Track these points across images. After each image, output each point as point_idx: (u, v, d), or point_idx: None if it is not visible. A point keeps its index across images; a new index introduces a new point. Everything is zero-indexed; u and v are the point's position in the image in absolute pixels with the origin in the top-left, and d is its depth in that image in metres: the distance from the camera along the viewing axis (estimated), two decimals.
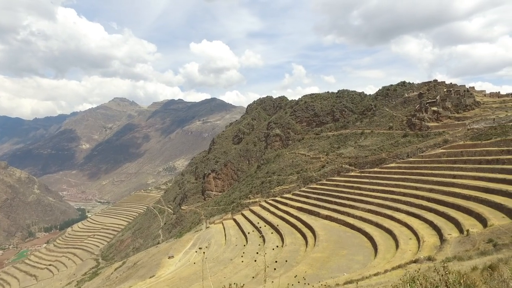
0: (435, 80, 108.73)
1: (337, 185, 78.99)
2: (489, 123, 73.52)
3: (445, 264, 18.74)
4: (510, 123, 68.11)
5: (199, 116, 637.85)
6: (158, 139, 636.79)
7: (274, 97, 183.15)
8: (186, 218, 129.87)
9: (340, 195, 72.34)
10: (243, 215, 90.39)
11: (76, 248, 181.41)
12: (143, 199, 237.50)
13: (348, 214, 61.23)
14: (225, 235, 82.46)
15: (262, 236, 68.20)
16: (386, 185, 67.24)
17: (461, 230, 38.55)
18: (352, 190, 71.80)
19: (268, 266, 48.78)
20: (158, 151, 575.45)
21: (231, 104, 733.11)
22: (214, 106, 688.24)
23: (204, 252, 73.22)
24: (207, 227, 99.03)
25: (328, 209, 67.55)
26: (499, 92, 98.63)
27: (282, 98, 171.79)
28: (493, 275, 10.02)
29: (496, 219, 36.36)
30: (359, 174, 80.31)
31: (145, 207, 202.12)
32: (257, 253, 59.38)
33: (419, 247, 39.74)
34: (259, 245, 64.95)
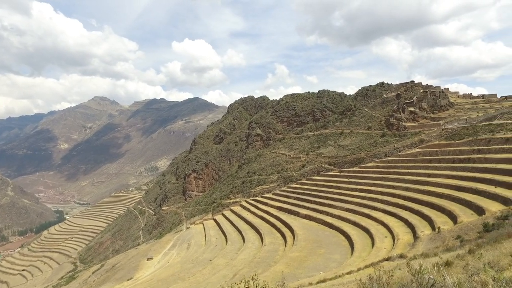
0: (412, 81, 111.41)
1: (316, 185, 79.68)
2: (462, 124, 75.76)
3: (410, 262, 19.03)
4: (481, 124, 70.41)
5: (181, 116, 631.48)
6: (140, 139, 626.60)
7: (257, 97, 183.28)
8: (167, 219, 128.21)
9: (320, 194, 72.99)
10: (223, 215, 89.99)
11: (53, 251, 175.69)
12: (123, 200, 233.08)
13: (327, 213, 61.82)
14: (205, 235, 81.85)
15: (242, 236, 68.09)
16: (365, 184, 68.29)
17: (433, 228, 39.50)
18: (331, 190, 72.57)
19: (246, 267, 48.82)
20: (140, 151, 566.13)
21: (214, 103, 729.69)
22: (197, 105, 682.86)
23: (183, 253, 72.54)
24: (187, 228, 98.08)
25: (308, 208, 68.03)
26: (471, 93, 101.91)
27: (264, 98, 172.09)
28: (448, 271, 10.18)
29: (465, 216, 37.44)
30: (338, 173, 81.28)
31: (126, 208, 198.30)
32: (237, 253, 59.42)
33: (393, 245, 40.47)
34: (239, 245, 64.88)
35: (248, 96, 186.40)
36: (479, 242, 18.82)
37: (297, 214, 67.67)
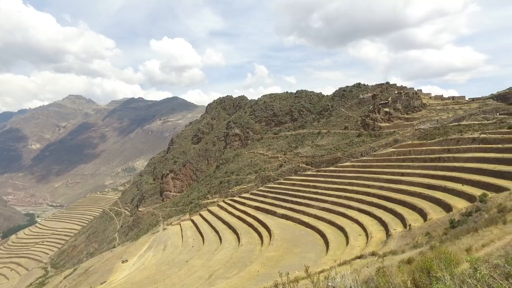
0: (388, 83, 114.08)
1: (294, 184, 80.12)
2: (433, 124, 78.11)
3: (378, 259, 19.24)
4: (451, 124, 72.82)
5: (160, 115, 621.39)
6: (117, 139, 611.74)
7: (236, 96, 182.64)
8: (144, 220, 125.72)
9: (297, 194, 73.40)
10: (201, 215, 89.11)
11: (21, 257, 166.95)
12: (99, 201, 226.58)
13: (304, 213, 62.22)
14: (182, 236, 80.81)
15: (219, 237, 67.59)
16: (341, 183, 69.17)
17: (405, 225, 40.43)
18: (308, 189, 73.12)
19: (221, 267, 48.37)
20: (117, 151, 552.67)
21: (193, 103, 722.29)
22: (176, 105, 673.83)
23: (159, 255, 71.20)
24: (164, 229, 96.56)
25: (285, 208, 68.25)
26: (442, 95, 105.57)
27: (242, 98, 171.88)
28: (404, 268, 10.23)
29: (435, 213, 38.52)
30: (315, 173, 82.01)
31: (101, 210, 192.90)
32: (214, 254, 58.87)
33: (367, 243, 41.14)
34: (216, 245, 64.34)
35: (227, 95, 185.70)
36: (442, 239, 19.27)
37: (274, 213, 67.77)
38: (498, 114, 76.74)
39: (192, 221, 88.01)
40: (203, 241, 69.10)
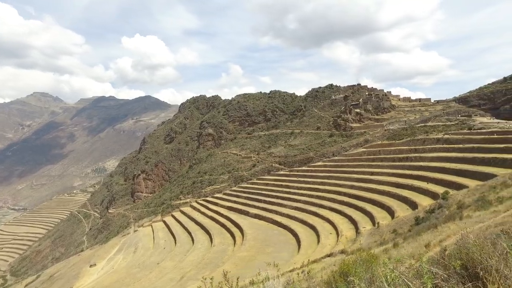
0: (359, 84, 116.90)
1: (267, 184, 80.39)
2: (401, 125, 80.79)
3: (345, 258, 19.44)
4: (418, 125, 75.62)
5: (132, 114, 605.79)
6: (86, 139, 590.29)
7: (210, 96, 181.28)
8: (114, 222, 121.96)
9: (270, 193, 73.66)
10: (173, 216, 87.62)
11: None
12: (66, 203, 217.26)
13: (276, 212, 62.48)
14: (153, 238, 79.21)
15: (192, 238, 66.69)
16: (313, 183, 70.04)
17: (374, 223, 41.41)
18: (281, 189, 73.57)
19: (193, 268, 47.67)
20: (86, 151, 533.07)
21: (166, 102, 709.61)
22: (149, 104, 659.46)
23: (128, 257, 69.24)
24: (135, 231, 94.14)
25: (258, 207, 68.27)
26: (410, 97, 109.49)
27: (216, 97, 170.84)
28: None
29: (401, 211, 39.73)
30: (288, 172, 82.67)
31: (69, 212, 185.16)
32: (185, 255, 57.96)
33: (337, 241, 41.78)
34: (188, 246, 63.43)
35: (200, 95, 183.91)
36: (406, 235, 19.79)
37: (247, 213, 67.64)
38: (459, 116, 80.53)
39: (164, 222, 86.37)
40: (175, 243, 67.99)
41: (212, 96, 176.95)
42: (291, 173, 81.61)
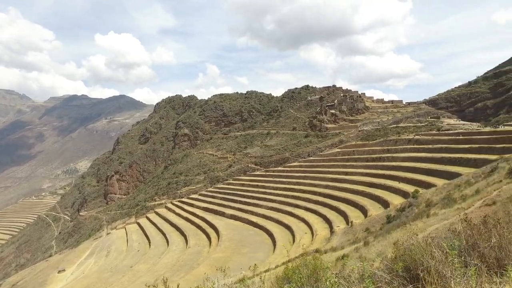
0: (334, 86, 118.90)
1: (242, 184, 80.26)
2: (375, 126, 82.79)
3: (316, 256, 19.56)
4: (390, 126, 77.73)
5: (106, 114, 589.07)
6: (56, 139, 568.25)
7: (186, 96, 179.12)
8: (86, 225, 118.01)
9: (246, 194, 73.58)
10: (147, 218, 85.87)
11: None
12: (34, 206, 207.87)
13: (252, 213, 62.42)
14: (127, 240, 77.34)
15: (167, 239, 65.56)
16: (288, 183, 70.52)
17: (347, 222, 42.08)
18: (257, 189, 73.62)
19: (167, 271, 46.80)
20: (57, 152, 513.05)
21: (141, 102, 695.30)
22: (123, 103, 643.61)
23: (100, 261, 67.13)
24: (108, 233, 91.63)
25: (233, 208, 68.00)
26: (383, 99, 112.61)
27: (192, 97, 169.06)
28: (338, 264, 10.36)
29: (374, 210, 40.61)
30: (264, 173, 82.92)
31: (36, 216, 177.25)
32: (160, 257, 56.84)
33: (312, 240, 42.20)
34: (163, 248, 62.29)
35: (176, 95, 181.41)
36: (377, 234, 20.17)
37: (222, 214, 67.21)
38: (429, 117, 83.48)
39: (138, 224, 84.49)
40: (150, 245, 66.68)
41: (188, 96, 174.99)
42: (267, 173, 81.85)
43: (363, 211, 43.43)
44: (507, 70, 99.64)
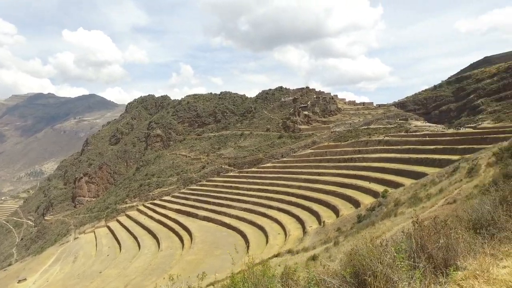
0: (307, 87, 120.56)
1: (216, 186, 79.76)
2: (347, 127, 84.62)
3: (291, 257, 19.67)
4: (361, 127, 79.71)
5: (74, 114, 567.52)
6: (19, 139, 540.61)
7: (159, 96, 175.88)
8: (51, 230, 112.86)
9: (219, 195, 73.15)
10: (118, 221, 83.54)
11: None
12: None
13: (225, 214, 62.08)
14: (96, 245, 74.97)
15: (138, 243, 63.96)
16: (262, 184, 70.72)
17: (320, 222, 42.68)
18: (230, 190, 73.35)
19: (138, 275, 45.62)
20: (19, 153, 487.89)
21: (112, 101, 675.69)
22: (94, 103, 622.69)
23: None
24: (76, 238, 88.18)
25: (207, 209, 67.42)
26: (354, 101, 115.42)
27: (165, 97, 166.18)
28: (310, 264, 10.42)
29: (346, 209, 41.45)
30: (237, 174, 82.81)
31: None
32: (131, 261, 55.33)
33: (285, 241, 42.46)
34: (134, 252, 60.72)
35: (149, 95, 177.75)
36: (348, 233, 20.54)
37: (196, 216, 66.45)
38: (398, 119, 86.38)
39: (108, 227, 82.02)
40: (120, 249, 64.95)
41: (161, 96, 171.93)
42: (241, 174, 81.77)
43: (335, 211, 44.19)
44: (467, 75, 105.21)
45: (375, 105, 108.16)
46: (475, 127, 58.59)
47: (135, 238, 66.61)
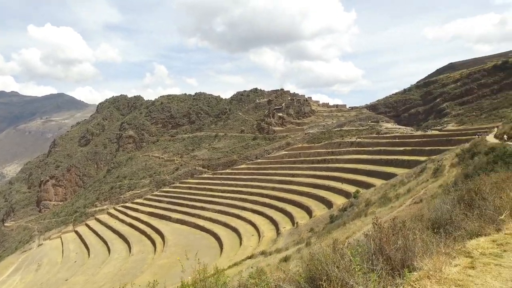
0: (282, 89, 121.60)
1: (190, 188, 78.81)
2: (320, 129, 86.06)
3: (264, 259, 19.60)
4: (335, 129, 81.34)
5: (41, 113, 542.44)
6: None
7: (131, 96, 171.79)
8: (12, 237, 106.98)
9: (192, 197, 72.23)
10: (87, 225, 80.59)
11: None
12: None
13: (199, 216, 61.34)
14: (62, 251, 71.83)
15: (108, 247, 61.89)
16: (236, 185, 70.46)
17: (293, 223, 43.00)
18: (204, 192, 72.64)
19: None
20: None
21: (83, 101, 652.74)
22: (62, 102, 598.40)
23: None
24: (40, 245, 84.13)
25: (180, 212, 66.39)
26: (328, 103, 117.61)
27: (138, 98, 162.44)
28: (281, 266, 10.40)
29: (319, 210, 42.00)
30: (211, 175, 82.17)
31: None
32: (100, 267, 53.46)
33: (259, 242, 42.41)
34: (104, 257, 58.68)
35: (121, 95, 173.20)
36: (320, 234, 20.78)
37: (169, 218, 65.23)
38: (370, 121, 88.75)
39: (76, 232, 78.86)
40: (89, 254, 62.60)
41: (134, 96, 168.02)
42: (215, 176, 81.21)
43: (308, 211, 44.69)
44: (434, 80, 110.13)
45: (348, 107, 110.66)
46: (441, 129, 61.29)
47: (105, 242, 64.42)
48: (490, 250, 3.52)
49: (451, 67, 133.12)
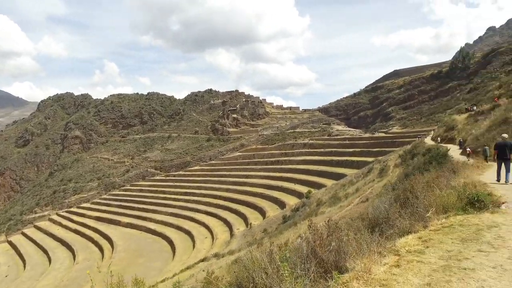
0: (237, 90, 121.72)
1: (141, 190, 76.05)
2: (274, 130, 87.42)
3: (217, 261, 19.33)
4: (288, 131, 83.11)
5: None
6: None
7: (78, 94, 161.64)
8: None
9: (144, 200, 69.75)
10: (24, 234, 73.94)
11: None
12: None
13: (151, 219, 59.34)
14: None
15: (49, 257, 57.34)
16: (189, 187, 69.19)
17: (247, 224, 43.11)
18: (156, 195, 70.53)
19: None
20: None
21: (21, 98, 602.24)
22: None
23: None
24: None
25: (130, 216, 63.65)
26: (282, 105, 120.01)
27: (86, 96, 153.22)
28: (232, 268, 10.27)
29: (272, 211, 42.53)
30: (164, 177, 80.00)
31: None
32: (38, 279, 49.36)
33: (212, 245, 41.93)
34: (43, 268, 54.28)
35: (67, 92, 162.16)
36: (272, 234, 20.98)
37: (118, 223, 62.26)
38: (322, 123, 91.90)
39: (10, 243, 71.78)
40: (24, 266, 57.18)
41: (82, 94, 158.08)
42: (168, 178, 79.16)
43: (262, 212, 45.07)
44: (381, 85, 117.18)
45: (301, 109, 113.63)
46: (386, 132, 65.16)
47: (45, 251, 59.55)
48: (415, 247, 3.71)
49: (396, 73, 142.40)
